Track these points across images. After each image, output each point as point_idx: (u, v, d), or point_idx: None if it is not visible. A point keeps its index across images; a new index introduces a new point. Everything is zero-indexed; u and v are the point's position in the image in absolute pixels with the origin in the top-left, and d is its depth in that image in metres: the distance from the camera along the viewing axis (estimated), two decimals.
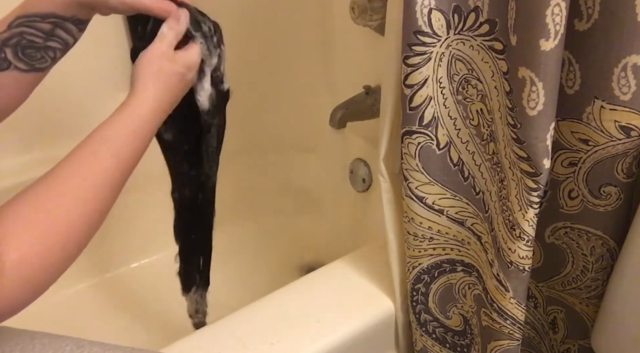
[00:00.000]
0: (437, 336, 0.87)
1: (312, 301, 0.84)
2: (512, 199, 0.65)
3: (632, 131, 0.60)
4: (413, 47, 0.65)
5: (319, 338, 0.78)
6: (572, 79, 0.62)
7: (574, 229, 0.71)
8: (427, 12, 0.63)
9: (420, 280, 0.82)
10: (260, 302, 0.83)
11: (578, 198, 0.68)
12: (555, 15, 0.53)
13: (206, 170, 0.75)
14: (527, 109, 0.58)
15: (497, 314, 0.72)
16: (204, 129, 0.71)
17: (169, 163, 0.77)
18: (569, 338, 0.81)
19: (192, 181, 0.77)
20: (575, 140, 0.65)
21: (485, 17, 0.62)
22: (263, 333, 0.78)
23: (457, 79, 0.68)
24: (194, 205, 0.79)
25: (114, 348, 0.56)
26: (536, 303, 0.82)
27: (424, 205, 0.75)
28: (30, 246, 0.45)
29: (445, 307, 0.85)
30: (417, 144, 0.71)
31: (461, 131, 0.71)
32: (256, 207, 1.37)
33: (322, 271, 0.90)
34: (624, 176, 0.64)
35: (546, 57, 0.54)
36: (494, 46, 0.62)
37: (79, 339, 0.56)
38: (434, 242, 0.79)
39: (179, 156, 0.76)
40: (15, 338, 0.53)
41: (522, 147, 0.60)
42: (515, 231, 0.65)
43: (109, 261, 1.25)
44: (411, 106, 0.69)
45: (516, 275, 0.67)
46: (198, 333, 0.79)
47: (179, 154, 0.75)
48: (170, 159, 0.76)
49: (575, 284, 0.75)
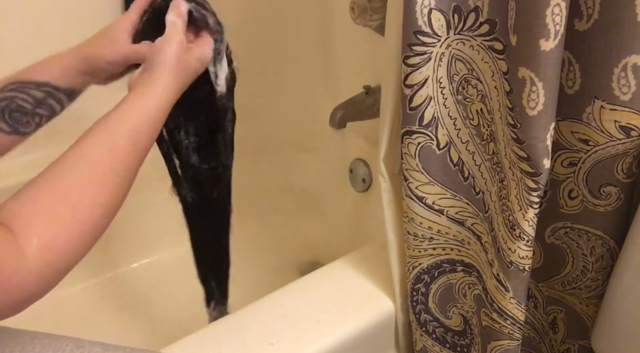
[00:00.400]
0: (437, 336, 0.87)
1: (312, 301, 0.84)
2: (512, 199, 0.65)
3: (632, 131, 0.60)
4: (413, 47, 0.65)
5: (319, 338, 0.78)
6: (572, 79, 0.62)
7: (574, 229, 0.71)
8: (427, 12, 0.63)
9: (420, 280, 0.82)
10: (260, 302, 0.83)
11: (578, 198, 0.68)
12: (555, 15, 0.53)
13: (223, 161, 0.73)
14: (527, 109, 0.58)
15: (497, 314, 0.72)
16: (221, 115, 0.69)
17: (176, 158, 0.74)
18: (569, 338, 0.81)
19: (206, 176, 0.74)
20: (575, 140, 0.65)
21: (485, 17, 0.62)
22: (263, 333, 0.78)
23: (457, 79, 0.68)
24: (208, 204, 0.76)
25: (114, 348, 0.56)
26: (536, 303, 0.82)
27: (424, 205, 0.75)
28: (50, 233, 0.45)
29: (445, 307, 0.85)
30: (417, 144, 0.71)
31: (461, 131, 0.71)
32: (256, 207, 1.37)
33: (322, 271, 0.90)
34: (624, 176, 0.64)
35: (546, 57, 0.54)
36: (494, 46, 0.62)
37: (79, 339, 0.56)
38: (434, 242, 0.79)
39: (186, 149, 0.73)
40: (15, 339, 0.53)
41: (522, 147, 0.60)
42: (515, 231, 0.65)
43: (109, 261, 1.25)
44: (411, 106, 0.69)
45: (516, 275, 0.67)
46: (198, 333, 0.79)
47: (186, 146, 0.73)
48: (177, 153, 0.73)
49: (575, 284, 0.75)
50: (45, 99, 0.63)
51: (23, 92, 0.62)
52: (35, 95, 0.62)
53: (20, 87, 0.61)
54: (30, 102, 0.62)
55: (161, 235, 1.26)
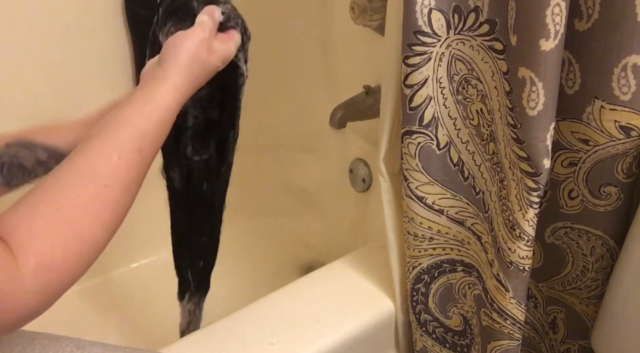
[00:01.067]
0: (437, 336, 0.87)
1: (312, 301, 0.84)
2: (512, 199, 0.65)
3: (632, 131, 0.60)
4: (413, 47, 0.65)
5: (319, 338, 0.78)
6: (572, 79, 0.62)
7: (574, 229, 0.71)
8: (427, 12, 0.63)
9: (420, 280, 0.82)
10: (260, 302, 0.83)
11: (578, 198, 0.68)
12: (555, 15, 0.53)
13: (229, 159, 0.72)
14: (527, 109, 0.58)
15: (497, 314, 0.72)
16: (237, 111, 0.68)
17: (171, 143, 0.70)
18: (569, 338, 0.81)
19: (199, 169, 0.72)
20: (575, 140, 0.65)
21: (485, 17, 0.62)
22: (263, 333, 0.78)
23: (457, 79, 0.68)
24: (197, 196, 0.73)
25: (114, 348, 0.56)
26: (536, 303, 0.82)
27: (424, 205, 0.75)
28: (48, 251, 0.43)
29: (445, 307, 0.85)
30: (417, 144, 0.71)
31: (461, 131, 0.71)
32: (256, 207, 1.37)
33: (322, 271, 0.90)
34: (624, 176, 0.64)
35: (546, 57, 0.54)
36: (494, 46, 0.62)
37: (79, 340, 0.56)
38: (434, 242, 0.79)
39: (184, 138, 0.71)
40: (15, 339, 0.53)
41: (522, 147, 0.60)
42: (515, 231, 0.65)
43: (109, 261, 1.25)
44: (411, 106, 0.69)
45: (516, 275, 0.67)
46: (198, 333, 0.79)
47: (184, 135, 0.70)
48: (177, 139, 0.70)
49: (575, 284, 0.75)
50: (47, 161, 0.62)
51: (29, 150, 0.60)
52: (39, 157, 0.61)
53: (28, 146, 0.60)
54: (31, 161, 0.61)
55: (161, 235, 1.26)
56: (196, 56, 0.57)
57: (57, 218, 0.44)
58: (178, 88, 0.55)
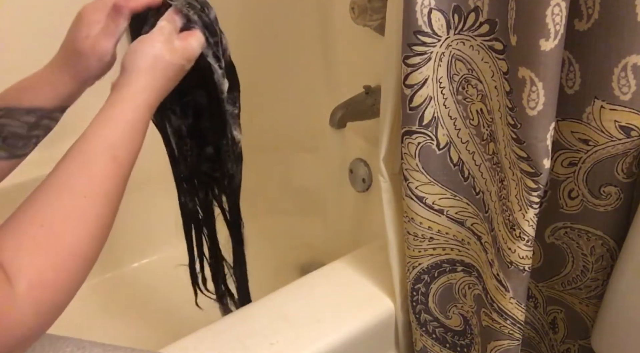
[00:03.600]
0: (437, 336, 0.87)
1: (312, 301, 0.84)
2: (512, 199, 0.65)
3: (632, 131, 0.60)
4: (413, 47, 0.65)
5: (319, 338, 0.78)
6: (572, 79, 0.62)
7: (574, 229, 0.71)
8: (427, 12, 0.63)
9: (420, 280, 0.82)
10: (260, 302, 0.83)
11: (578, 198, 0.68)
12: (555, 15, 0.53)
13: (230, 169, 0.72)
14: (527, 109, 0.58)
15: (497, 314, 0.72)
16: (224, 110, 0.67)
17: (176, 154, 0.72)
18: (569, 338, 0.81)
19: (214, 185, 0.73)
20: (575, 140, 0.65)
21: (485, 17, 0.62)
22: (263, 333, 0.78)
23: (457, 79, 0.68)
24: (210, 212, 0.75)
25: (114, 348, 0.56)
26: (536, 303, 0.82)
27: (424, 205, 0.75)
28: (37, 269, 0.43)
29: (445, 307, 0.85)
30: (417, 144, 0.71)
31: (461, 131, 0.71)
32: (256, 207, 1.36)
33: (322, 271, 0.90)
34: (624, 176, 0.64)
35: (546, 57, 0.54)
36: (494, 46, 0.62)
37: (80, 340, 0.56)
38: (434, 242, 0.79)
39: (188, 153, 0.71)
40: None
41: (522, 147, 0.60)
42: (515, 231, 0.65)
43: (109, 261, 1.25)
44: (411, 106, 0.69)
45: (516, 275, 0.67)
46: (198, 333, 0.79)
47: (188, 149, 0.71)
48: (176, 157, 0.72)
49: (575, 284, 0.75)
50: (39, 121, 0.60)
51: (13, 119, 0.59)
52: (27, 120, 0.59)
53: (8, 114, 0.59)
54: (23, 127, 0.60)
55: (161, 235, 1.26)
56: (157, 58, 0.57)
57: (41, 234, 0.44)
58: (144, 90, 0.55)
